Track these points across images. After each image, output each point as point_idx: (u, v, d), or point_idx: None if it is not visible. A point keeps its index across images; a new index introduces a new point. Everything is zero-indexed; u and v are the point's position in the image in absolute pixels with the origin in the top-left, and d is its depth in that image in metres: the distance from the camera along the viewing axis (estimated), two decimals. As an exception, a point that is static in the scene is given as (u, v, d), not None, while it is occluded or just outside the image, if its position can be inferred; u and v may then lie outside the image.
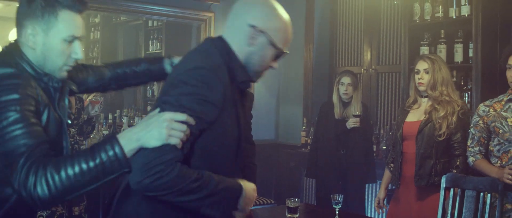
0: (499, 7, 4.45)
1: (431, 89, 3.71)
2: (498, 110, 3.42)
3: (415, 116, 3.81)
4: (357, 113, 4.74)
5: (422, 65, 3.76)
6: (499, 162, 3.40)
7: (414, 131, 3.73)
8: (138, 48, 7.88)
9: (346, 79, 4.80)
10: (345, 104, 4.86)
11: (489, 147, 3.49)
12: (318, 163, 4.94)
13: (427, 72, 3.73)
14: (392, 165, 3.96)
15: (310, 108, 6.25)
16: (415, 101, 3.87)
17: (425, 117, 3.71)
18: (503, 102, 3.44)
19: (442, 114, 3.64)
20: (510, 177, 3.19)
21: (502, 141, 3.38)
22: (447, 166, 3.67)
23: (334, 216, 3.51)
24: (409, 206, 3.77)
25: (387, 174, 4.05)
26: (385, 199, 4.10)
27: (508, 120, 3.36)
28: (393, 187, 3.99)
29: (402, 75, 5.04)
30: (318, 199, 4.97)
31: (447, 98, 3.69)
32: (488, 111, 3.47)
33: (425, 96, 3.80)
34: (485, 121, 3.47)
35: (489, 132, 3.47)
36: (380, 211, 4.12)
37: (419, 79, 3.77)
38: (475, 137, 3.51)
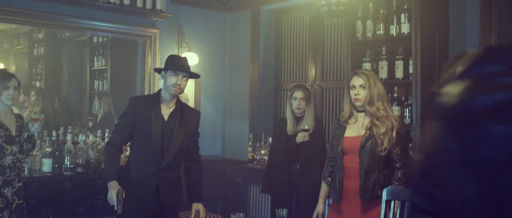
0: (437, 25, 4.60)
1: (369, 104, 3.73)
2: None
3: (354, 131, 3.82)
4: (305, 127, 4.59)
5: (357, 81, 3.77)
6: None
7: (356, 146, 3.74)
8: (83, 65, 7.77)
9: (298, 94, 4.68)
10: (297, 119, 4.73)
11: None
12: (273, 179, 4.86)
13: (363, 88, 3.74)
14: (329, 178, 3.97)
15: (256, 124, 6.30)
16: (350, 116, 3.89)
17: (366, 133, 3.73)
18: None
19: (383, 130, 3.67)
20: None
21: None
22: (388, 179, 3.74)
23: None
24: None
25: (324, 188, 4.03)
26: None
27: None
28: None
29: (346, 90, 5.12)
30: (274, 214, 4.94)
31: (384, 113, 3.72)
32: None
33: (362, 111, 3.84)
34: None
35: None
36: None
37: (355, 94, 3.77)
38: None
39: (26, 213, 4.24)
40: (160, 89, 3.87)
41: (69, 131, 5.26)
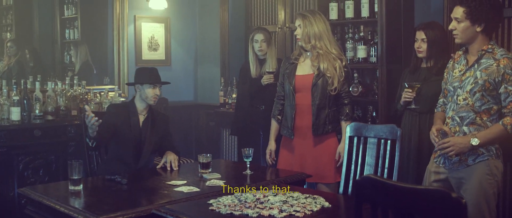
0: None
1: (305, 42, 3.96)
2: (456, 61, 3.26)
3: (304, 70, 4.01)
4: (270, 70, 4.77)
5: (297, 22, 4.00)
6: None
7: (308, 84, 3.93)
8: (53, 14, 7.65)
9: (259, 36, 4.84)
10: (261, 61, 4.90)
11: None
12: (240, 121, 5.05)
13: (300, 27, 3.97)
14: (279, 117, 4.15)
15: (227, 68, 6.32)
16: (300, 55, 4.07)
17: (316, 72, 3.92)
18: (460, 52, 3.27)
19: (325, 66, 3.87)
20: (433, 136, 3.17)
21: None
22: (337, 114, 3.98)
23: (245, 169, 3.62)
24: (304, 154, 3.97)
25: (274, 126, 4.19)
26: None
27: (455, 71, 3.22)
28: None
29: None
30: (240, 155, 5.03)
31: (320, 51, 3.91)
32: (450, 63, 3.33)
33: (307, 50, 4.00)
34: (446, 72, 3.35)
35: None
36: (273, 162, 4.23)
37: (295, 34, 4.03)
38: (442, 89, 3.40)
39: None
40: (134, 97, 4.02)
41: (38, 79, 5.23)
